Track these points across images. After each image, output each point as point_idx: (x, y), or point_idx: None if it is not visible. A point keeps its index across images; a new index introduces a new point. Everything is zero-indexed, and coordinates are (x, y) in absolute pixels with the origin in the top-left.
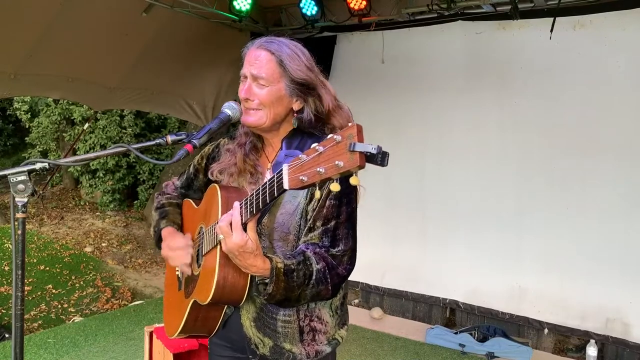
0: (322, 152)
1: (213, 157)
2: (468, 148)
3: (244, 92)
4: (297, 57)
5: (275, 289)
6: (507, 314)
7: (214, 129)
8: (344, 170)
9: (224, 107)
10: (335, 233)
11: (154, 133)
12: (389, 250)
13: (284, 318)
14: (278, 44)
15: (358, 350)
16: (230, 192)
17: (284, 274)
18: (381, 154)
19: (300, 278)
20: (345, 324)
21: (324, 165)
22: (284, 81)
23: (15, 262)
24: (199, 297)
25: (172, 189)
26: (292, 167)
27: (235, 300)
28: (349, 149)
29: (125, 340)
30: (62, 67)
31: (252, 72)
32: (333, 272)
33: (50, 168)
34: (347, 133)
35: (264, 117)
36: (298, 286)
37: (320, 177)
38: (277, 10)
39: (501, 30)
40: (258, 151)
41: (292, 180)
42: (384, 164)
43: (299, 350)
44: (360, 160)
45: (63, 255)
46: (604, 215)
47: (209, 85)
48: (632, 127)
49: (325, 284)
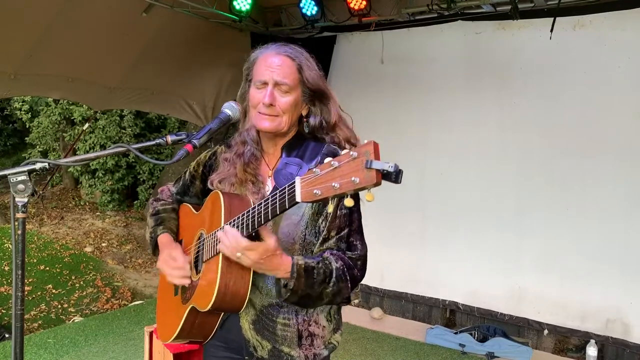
0: (338, 167)
1: (210, 165)
2: (468, 148)
3: (267, 97)
4: (312, 65)
5: (297, 285)
6: (507, 315)
7: (214, 129)
8: (359, 187)
9: (224, 107)
10: (350, 240)
11: (154, 133)
12: (389, 251)
13: (284, 321)
14: (294, 50)
15: (358, 350)
16: (233, 199)
17: (304, 270)
18: (396, 172)
19: (321, 275)
20: (339, 328)
21: (339, 181)
22: (301, 87)
23: (15, 262)
24: (198, 304)
25: (168, 195)
26: (305, 180)
27: (235, 308)
28: (366, 166)
29: (125, 340)
30: (62, 67)
31: (275, 78)
32: (351, 272)
33: (50, 168)
34: (363, 150)
35: (283, 123)
36: (319, 283)
37: (335, 192)
38: (277, 10)
39: (501, 30)
40: (257, 159)
41: (305, 194)
42: (398, 182)
43: (298, 353)
44: (377, 178)
45: (63, 255)
46: (604, 215)
47: (209, 85)
48: (632, 127)
49: (345, 281)
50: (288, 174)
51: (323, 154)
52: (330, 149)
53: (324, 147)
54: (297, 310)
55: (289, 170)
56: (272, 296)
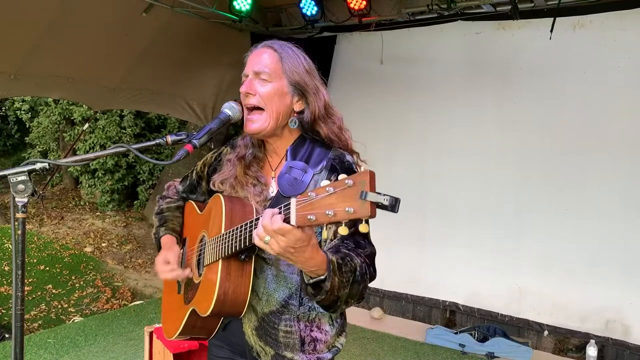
0: (333, 194)
1: (215, 167)
2: (468, 148)
3: (244, 86)
4: (296, 58)
5: (331, 286)
6: (507, 316)
7: (214, 129)
8: (354, 217)
9: (224, 107)
10: (355, 238)
11: (154, 133)
12: (389, 252)
13: (286, 329)
14: (281, 44)
15: (358, 350)
16: (235, 204)
17: (337, 268)
18: (392, 204)
19: (348, 273)
20: (344, 330)
21: (334, 209)
22: (286, 79)
23: (15, 262)
24: (198, 308)
25: (174, 192)
26: (301, 204)
27: (235, 314)
28: (361, 197)
29: (125, 340)
30: (62, 67)
31: (254, 68)
32: (370, 270)
33: (50, 168)
34: (359, 179)
35: (267, 121)
36: (347, 282)
37: (329, 220)
38: (277, 10)
39: (501, 30)
40: (260, 161)
41: (300, 218)
42: (395, 211)
43: (301, 358)
44: (372, 211)
45: (63, 255)
46: (604, 215)
47: (209, 85)
48: (632, 127)
49: (365, 281)
50: (292, 179)
51: (329, 159)
52: (337, 153)
53: (330, 152)
54: (299, 316)
55: (293, 174)
56: (273, 304)
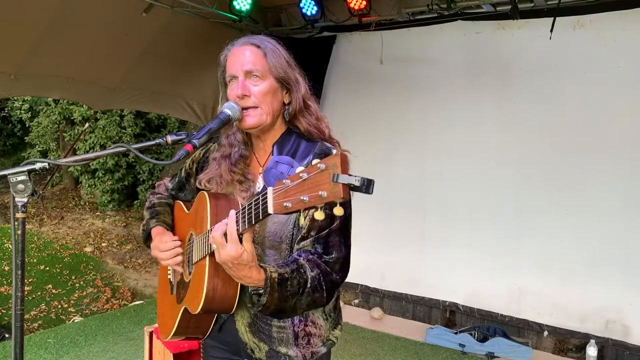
0: (306, 180)
1: (202, 164)
2: (468, 148)
3: (239, 88)
4: (277, 51)
5: (269, 300)
6: (507, 317)
7: (214, 129)
8: (327, 201)
9: (224, 107)
10: (328, 240)
11: (154, 133)
12: (388, 252)
13: (279, 324)
14: (260, 39)
15: (358, 350)
16: (220, 200)
17: (277, 284)
18: (365, 184)
19: (295, 287)
20: (339, 324)
21: (308, 194)
22: (272, 74)
23: (15, 262)
24: (189, 306)
25: (164, 190)
26: (277, 192)
27: (225, 310)
28: (333, 180)
29: (125, 340)
30: (62, 67)
31: (244, 68)
32: (327, 279)
33: (50, 168)
34: (330, 162)
35: (265, 115)
36: (292, 295)
37: (305, 205)
38: (277, 10)
39: (501, 30)
40: (247, 158)
41: (277, 206)
42: (370, 192)
43: (295, 352)
44: (344, 193)
45: (63, 255)
46: (604, 215)
47: (209, 85)
48: (632, 127)
49: (320, 291)
50: (278, 173)
51: (315, 153)
52: (322, 147)
53: (316, 146)
54: None
55: (280, 169)
56: None
